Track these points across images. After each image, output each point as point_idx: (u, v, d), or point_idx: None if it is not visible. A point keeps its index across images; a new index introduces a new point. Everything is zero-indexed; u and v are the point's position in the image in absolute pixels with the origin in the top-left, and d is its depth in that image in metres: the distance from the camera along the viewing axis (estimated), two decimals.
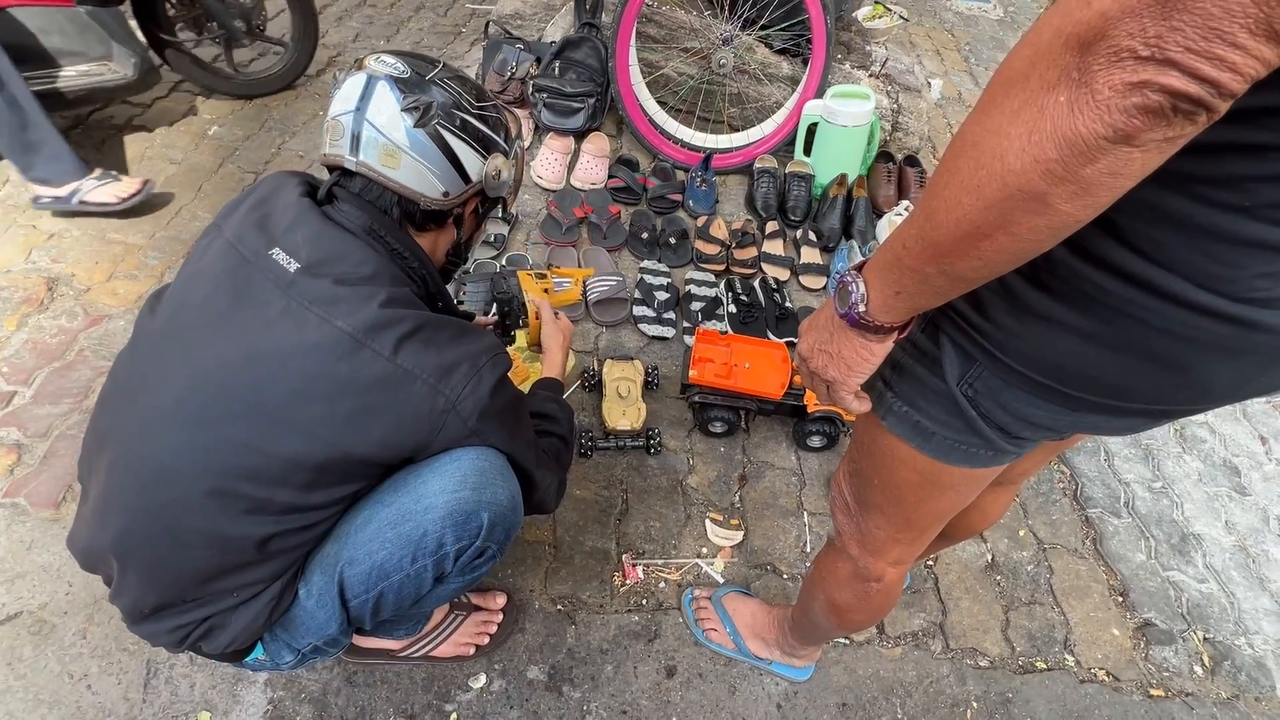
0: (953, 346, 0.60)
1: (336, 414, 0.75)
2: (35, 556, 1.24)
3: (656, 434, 1.54)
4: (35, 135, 1.77)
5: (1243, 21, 0.32)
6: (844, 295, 0.57)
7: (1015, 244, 0.43)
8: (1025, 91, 0.39)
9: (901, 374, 0.66)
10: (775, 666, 1.23)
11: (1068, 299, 0.50)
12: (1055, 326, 0.52)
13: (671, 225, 2.08)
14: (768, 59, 2.37)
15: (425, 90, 0.85)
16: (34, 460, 1.38)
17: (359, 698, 1.14)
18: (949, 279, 0.49)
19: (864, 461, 0.78)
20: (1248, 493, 1.71)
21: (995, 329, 0.55)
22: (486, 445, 0.86)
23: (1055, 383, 0.54)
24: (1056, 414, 0.57)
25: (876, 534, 0.82)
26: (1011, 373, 0.56)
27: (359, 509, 0.85)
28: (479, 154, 0.91)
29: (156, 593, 0.80)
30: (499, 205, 1.04)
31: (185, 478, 0.75)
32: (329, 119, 0.87)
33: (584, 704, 1.17)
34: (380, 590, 0.84)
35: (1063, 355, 0.53)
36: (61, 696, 1.09)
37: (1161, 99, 0.34)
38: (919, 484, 0.72)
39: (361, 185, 0.87)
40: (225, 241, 0.82)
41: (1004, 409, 0.59)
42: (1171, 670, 1.35)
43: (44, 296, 1.69)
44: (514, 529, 0.90)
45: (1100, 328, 0.50)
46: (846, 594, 0.92)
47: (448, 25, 3.09)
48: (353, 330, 0.75)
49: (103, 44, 1.91)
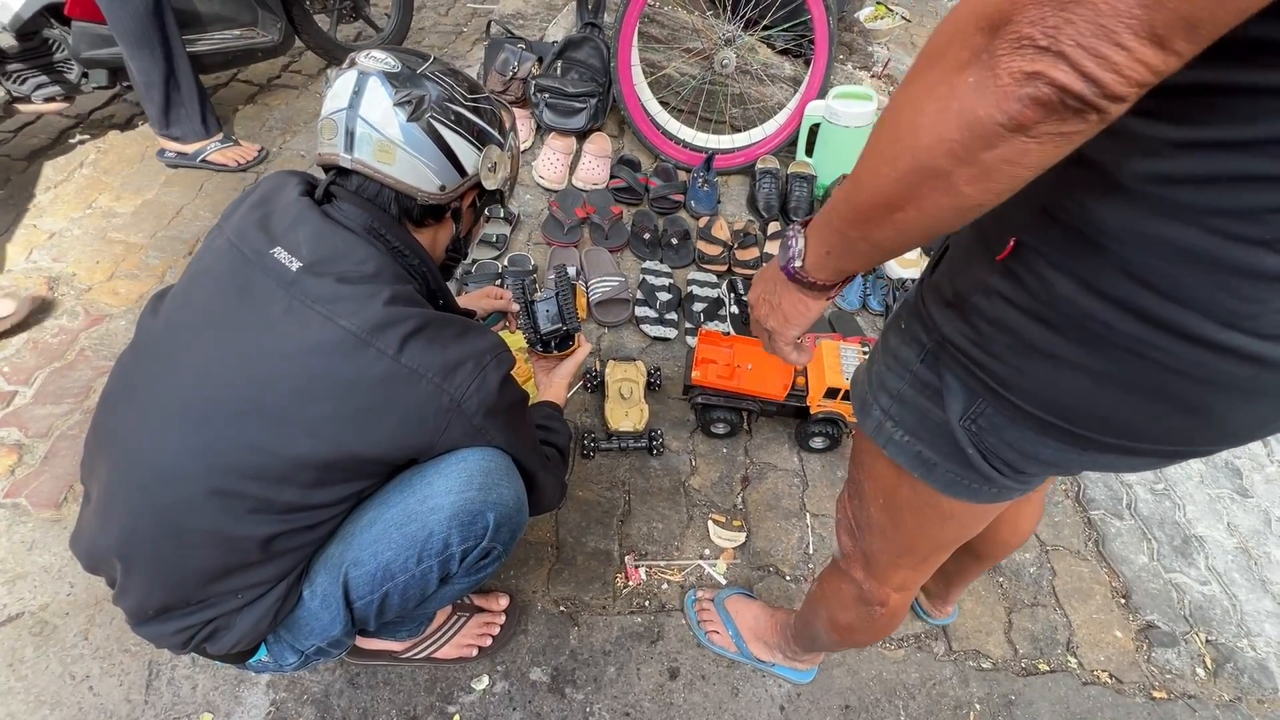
0: (956, 381, 0.58)
1: (341, 413, 0.75)
2: (36, 557, 1.24)
3: (659, 435, 1.53)
4: (183, 94, 1.97)
5: (1128, 22, 0.32)
6: (784, 249, 0.59)
7: (923, 219, 0.44)
8: (941, 68, 0.39)
9: (904, 404, 0.64)
10: (778, 669, 1.23)
11: (1075, 337, 0.48)
12: (1062, 365, 0.49)
13: (673, 226, 2.08)
14: (770, 59, 2.36)
15: (417, 84, 0.84)
16: (35, 460, 1.37)
17: (361, 699, 1.13)
18: (870, 245, 0.50)
19: (866, 484, 0.76)
20: (1250, 494, 1.71)
21: (999, 365, 0.53)
22: (491, 444, 0.86)
23: (1063, 422, 0.52)
24: (1065, 453, 0.55)
25: (880, 558, 0.81)
26: (1017, 410, 0.54)
27: (364, 509, 0.85)
28: (474, 146, 0.90)
29: (161, 594, 0.79)
30: (497, 199, 1.03)
31: (188, 478, 0.75)
32: (322, 118, 0.87)
33: (587, 705, 1.17)
34: (385, 591, 0.84)
35: (1070, 395, 0.50)
36: (63, 698, 1.09)
37: (1051, 92, 0.34)
38: (920, 510, 0.71)
39: (358, 183, 0.86)
40: (226, 241, 0.82)
41: (1009, 446, 0.57)
42: (1174, 672, 1.35)
43: (45, 296, 1.69)
44: (519, 529, 0.90)
45: (1111, 367, 0.47)
46: (850, 615, 0.90)
47: (449, 25, 3.09)
48: (357, 329, 0.75)
49: (250, 11, 2.15)
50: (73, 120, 2.24)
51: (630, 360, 1.66)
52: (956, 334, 0.56)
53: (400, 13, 2.67)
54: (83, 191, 2.00)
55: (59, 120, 2.24)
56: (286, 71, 2.64)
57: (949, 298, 0.56)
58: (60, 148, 2.15)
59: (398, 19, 2.68)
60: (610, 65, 2.22)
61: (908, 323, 0.63)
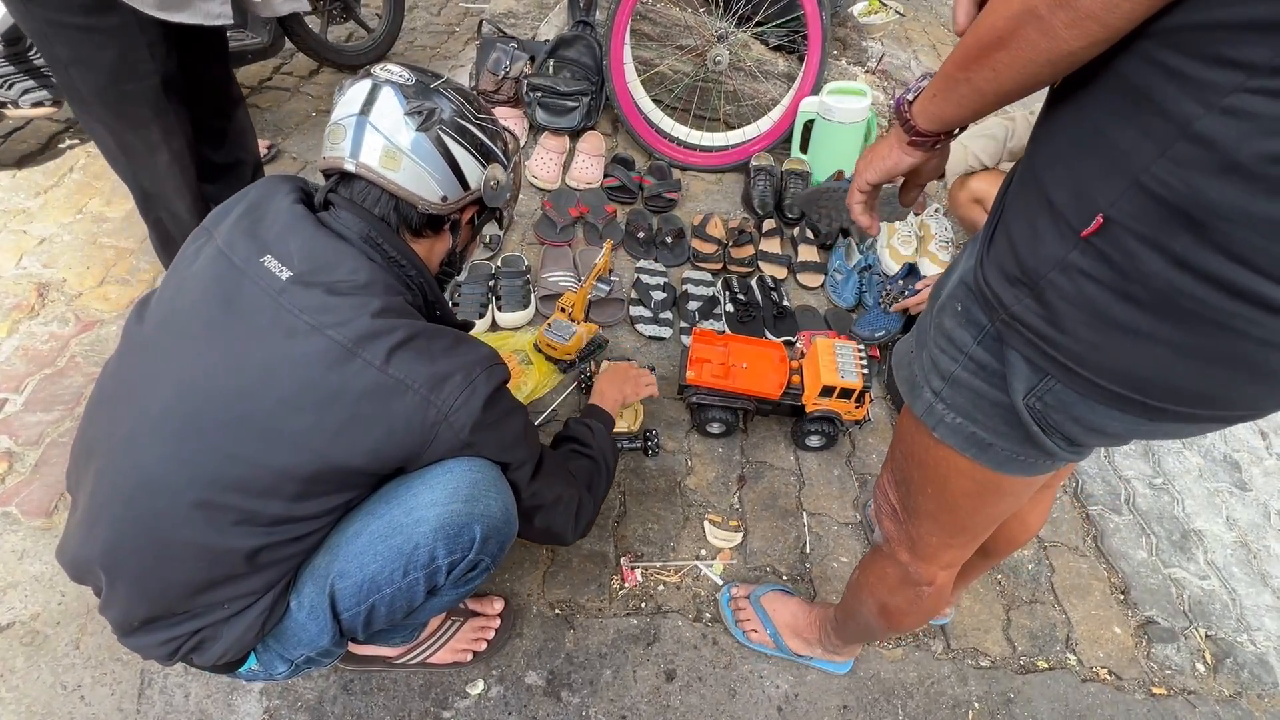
0: (1021, 360, 0.58)
1: (326, 424, 0.74)
2: (27, 566, 1.23)
3: (654, 435, 1.53)
4: None
5: None
6: (907, 90, 0.66)
7: (1019, 62, 0.49)
8: None
9: (956, 387, 0.65)
10: (816, 663, 1.24)
11: (1161, 312, 0.49)
12: (1143, 340, 0.50)
13: (668, 224, 2.07)
14: (763, 56, 2.35)
15: (429, 98, 0.86)
16: (25, 469, 1.36)
17: (355, 705, 1.13)
18: (969, 88, 0.55)
19: (915, 472, 0.77)
20: (1248, 488, 1.71)
21: (1073, 342, 0.54)
22: (480, 457, 0.85)
23: (1138, 394, 0.53)
24: (1133, 424, 0.57)
25: (929, 540, 0.81)
26: (1090, 386, 0.55)
27: (350, 520, 0.84)
28: (479, 162, 0.92)
29: (145, 605, 0.79)
30: (495, 218, 1.05)
31: (172, 489, 0.74)
32: (331, 123, 0.87)
33: (583, 709, 1.16)
34: (372, 603, 0.83)
35: (1150, 368, 0.52)
36: (55, 708, 1.08)
37: None
38: (975, 492, 0.72)
39: (359, 190, 0.86)
40: (215, 248, 0.81)
41: (1075, 421, 0.58)
42: (1173, 668, 1.35)
43: (35, 302, 1.68)
44: (508, 541, 0.89)
45: (1194, 340, 0.49)
46: (898, 599, 0.91)
47: (441, 24, 3.07)
48: (344, 340, 0.74)
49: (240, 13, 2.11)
50: (62, 125, 2.23)
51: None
52: (1027, 312, 0.56)
53: (392, 13, 2.65)
54: (72, 197, 1.99)
55: (48, 125, 2.23)
56: (278, 74, 2.63)
57: (1016, 275, 0.56)
58: (50, 153, 2.14)
59: (389, 19, 2.66)
60: (603, 63, 2.21)
61: (964, 305, 0.64)
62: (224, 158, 1.59)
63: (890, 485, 0.84)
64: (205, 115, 1.50)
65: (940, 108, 0.61)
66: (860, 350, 1.51)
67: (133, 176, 1.42)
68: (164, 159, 1.38)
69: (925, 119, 0.63)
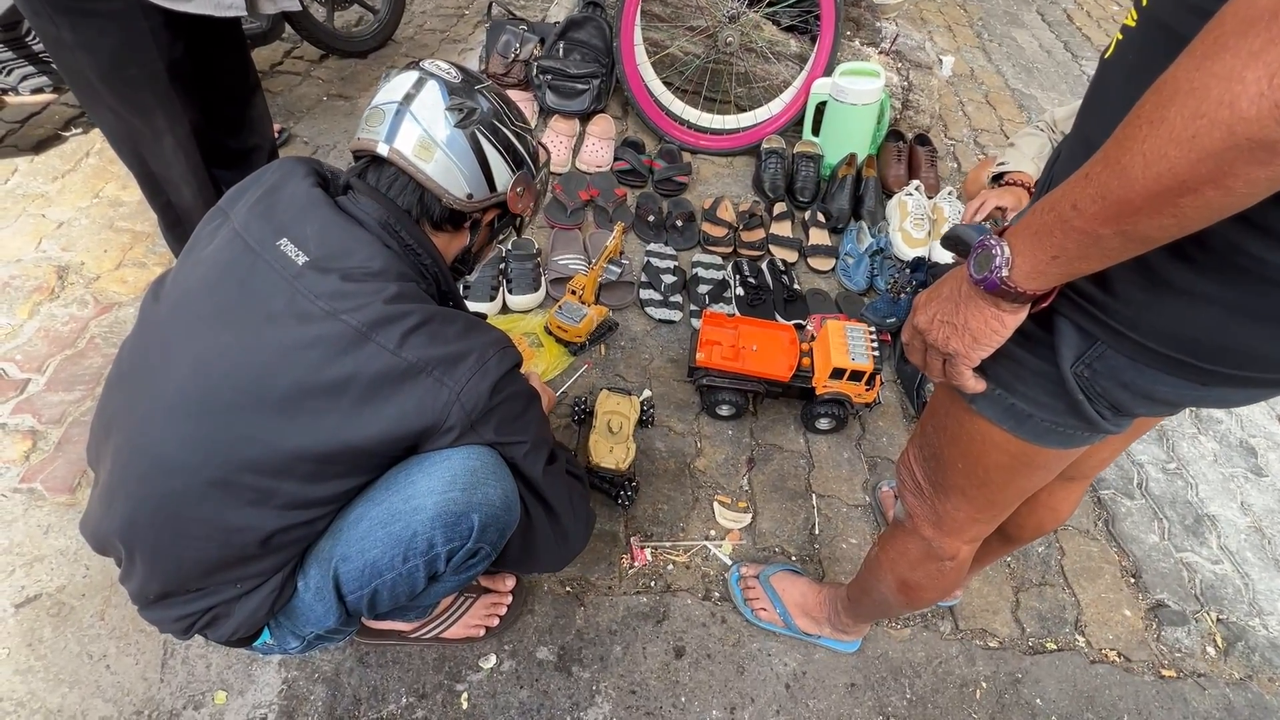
0: (1072, 326, 0.58)
1: (340, 406, 0.75)
2: (52, 540, 1.26)
3: (633, 484, 1.40)
4: None
5: None
6: (984, 260, 0.54)
7: (1223, 199, 0.41)
8: (1271, 31, 0.36)
9: (995, 357, 0.63)
10: (824, 641, 1.25)
11: (1216, 271, 0.48)
12: (1197, 300, 0.50)
13: (678, 208, 2.06)
14: (775, 37, 2.32)
15: (472, 97, 0.88)
16: (49, 446, 1.39)
17: (371, 678, 1.15)
18: (1125, 240, 0.46)
19: (947, 448, 0.76)
20: (1264, 473, 1.69)
21: (1125, 305, 0.53)
22: (490, 441, 0.84)
23: (1189, 356, 0.53)
24: (1184, 389, 0.56)
25: (956, 515, 0.81)
26: (1141, 350, 0.54)
27: (353, 506, 0.84)
28: (509, 166, 0.94)
29: (160, 581, 0.81)
30: (515, 225, 1.06)
31: (187, 468, 0.75)
32: (371, 106, 0.89)
33: (593, 684, 1.18)
34: (374, 587, 0.84)
35: (1202, 329, 0.51)
36: (81, 676, 1.12)
37: None
38: (1009, 466, 0.71)
39: (386, 176, 0.87)
40: (232, 229, 0.82)
41: (1125, 387, 0.58)
42: (1183, 651, 1.35)
43: (54, 285, 1.71)
44: (508, 529, 0.88)
45: (1248, 299, 0.49)
46: (919, 574, 0.91)
47: (450, 7, 3.06)
48: (358, 324, 0.75)
49: None
50: (77, 110, 2.25)
51: (625, 393, 1.55)
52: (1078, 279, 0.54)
53: None
54: (89, 181, 2.02)
55: (64, 110, 2.25)
56: (289, 58, 2.63)
57: None
58: (66, 138, 2.16)
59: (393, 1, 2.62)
60: (613, 45, 2.19)
61: None
62: (240, 144, 1.59)
63: (916, 461, 0.83)
64: (221, 102, 1.50)
65: (1073, 266, 0.51)
66: (871, 333, 1.51)
67: (139, 161, 1.42)
68: (169, 144, 1.39)
69: (1043, 282, 0.53)
